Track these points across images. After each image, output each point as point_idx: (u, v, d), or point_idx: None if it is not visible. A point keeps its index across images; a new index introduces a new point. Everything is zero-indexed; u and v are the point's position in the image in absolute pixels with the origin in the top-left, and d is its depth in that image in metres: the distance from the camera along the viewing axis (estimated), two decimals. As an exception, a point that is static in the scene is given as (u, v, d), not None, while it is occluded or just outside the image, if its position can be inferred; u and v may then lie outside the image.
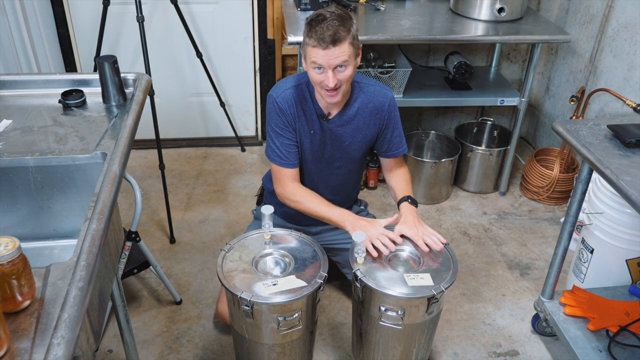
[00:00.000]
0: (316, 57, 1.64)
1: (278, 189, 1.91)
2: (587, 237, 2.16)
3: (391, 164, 2.00)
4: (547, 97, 3.23)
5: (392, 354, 1.77)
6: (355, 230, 1.72)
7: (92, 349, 1.12)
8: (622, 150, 1.63)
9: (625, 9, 2.51)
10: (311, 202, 1.85)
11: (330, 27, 1.61)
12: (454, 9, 2.77)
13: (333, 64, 1.65)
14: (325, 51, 1.63)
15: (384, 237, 1.70)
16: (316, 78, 1.69)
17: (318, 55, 1.64)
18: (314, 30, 1.63)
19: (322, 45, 1.62)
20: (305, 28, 1.67)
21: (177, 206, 2.82)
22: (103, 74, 1.57)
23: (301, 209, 1.87)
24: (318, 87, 1.73)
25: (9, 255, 0.91)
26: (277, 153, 1.85)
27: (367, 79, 1.89)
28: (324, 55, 1.64)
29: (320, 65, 1.66)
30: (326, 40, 1.61)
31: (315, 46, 1.63)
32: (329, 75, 1.66)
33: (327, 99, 1.74)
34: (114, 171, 1.29)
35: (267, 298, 1.53)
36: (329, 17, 1.63)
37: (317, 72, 1.68)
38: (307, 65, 1.71)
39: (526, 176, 2.99)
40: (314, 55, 1.65)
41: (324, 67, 1.66)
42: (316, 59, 1.65)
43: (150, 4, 2.89)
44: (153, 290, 2.32)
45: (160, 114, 2.64)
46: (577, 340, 1.90)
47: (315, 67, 1.67)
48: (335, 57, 1.64)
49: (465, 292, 2.38)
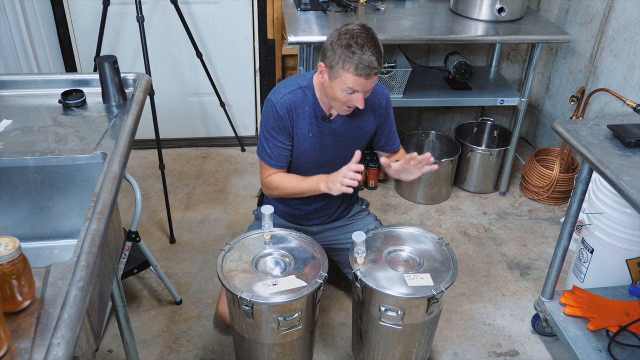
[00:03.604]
0: (356, 84, 1.64)
1: (261, 183, 1.97)
2: (587, 237, 2.16)
3: (387, 154, 2.07)
4: (547, 97, 3.23)
5: (392, 354, 1.77)
6: (328, 184, 1.74)
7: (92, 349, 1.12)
8: (622, 150, 1.63)
9: (625, 9, 2.51)
10: (288, 183, 1.89)
11: (372, 56, 1.60)
12: (454, 9, 2.77)
13: (369, 89, 1.67)
14: (367, 80, 1.63)
15: (346, 171, 1.68)
16: (344, 98, 1.69)
17: (358, 83, 1.63)
18: (354, 58, 1.60)
19: (364, 74, 1.61)
20: (339, 49, 1.62)
21: (177, 206, 2.82)
22: (103, 74, 1.56)
23: (283, 194, 1.92)
24: (339, 103, 1.72)
25: (9, 255, 0.91)
26: (267, 153, 1.88)
27: None
28: (365, 84, 1.64)
29: (355, 91, 1.66)
30: (370, 73, 1.61)
31: (358, 75, 1.61)
32: (360, 98, 1.67)
33: (343, 113, 1.76)
34: (114, 171, 1.29)
35: (267, 298, 1.53)
36: (366, 42, 1.60)
37: (348, 93, 1.67)
38: (336, 85, 1.67)
39: (526, 176, 2.99)
40: (352, 82, 1.63)
41: (359, 92, 1.66)
42: (355, 86, 1.64)
43: (150, 4, 2.89)
44: (153, 290, 2.32)
45: (160, 114, 2.63)
46: (577, 340, 1.90)
47: (349, 92, 1.66)
48: (372, 83, 1.66)
49: (465, 292, 2.38)
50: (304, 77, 1.85)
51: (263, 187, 1.98)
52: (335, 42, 1.63)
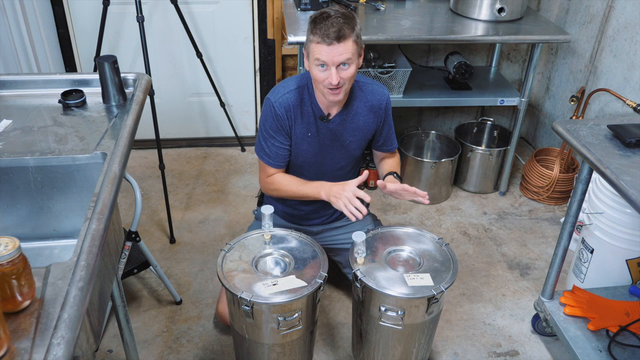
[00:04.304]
0: (320, 53, 1.65)
1: (260, 182, 1.98)
2: (587, 237, 2.16)
3: (384, 154, 2.07)
4: (547, 97, 3.23)
5: (392, 354, 1.77)
6: (330, 196, 1.77)
7: (92, 349, 1.12)
8: (622, 150, 1.63)
9: (625, 9, 2.51)
10: (288, 185, 1.90)
11: (335, 24, 1.62)
12: (454, 9, 2.77)
13: (337, 61, 1.65)
14: (329, 47, 1.63)
15: (352, 196, 1.72)
16: (319, 76, 1.69)
17: (322, 51, 1.64)
18: (318, 27, 1.63)
19: (326, 41, 1.63)
20: (309, 26, 1.68)
21: (177, 206, 2.82)
22: (103, 74, 1.56)
23: (282, 195, 1.94)
24: (320, 86, 1.73)
25: (9, 255, 0.91)
26: (265, 152, 1.89)
27: (364, 78, 1.92)
28: (328, 51, 1.64)
29: (323, 62, 1.66)
30: (330, 37, 1.62)
31: (320, 42, 1.64)
32: (332, 73, 1.67)
33: (330, 97, 1.74)
34: (114, 171, 1.29)
35: (267, 298, 1.53)
36: (334, 15, 1.63)
37: (320, 69, 1.68)
38: (310, 62, 1.71)
39: (526, 176, 2.99)
40: (317, 52, 1.65)
41: (328, 64, 1.66)
42: (320, 55, 1.65)
43: (150, 4, 2.89)
44: (153, 290, 2.32)
45: (160, 114, 2.63)
46: (577, 340, 1.90)
47: (318, 64, 1.67)
48: (339, 53, 1.64)
49: (465, 292, 2.38)
50: (303, 77, 1.85)
51: (262, 186, 1.99)
52: (309, 22, 1.68)
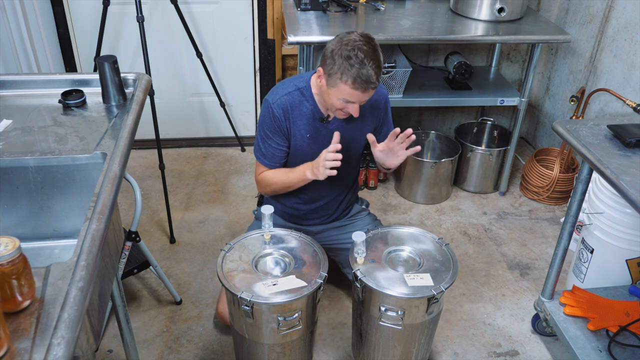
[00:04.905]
0: (351, 96, 1.65)
1: (255, 181, 2.00)
2: (587, 237, 2.16)
3: None
4: (547, 97, 3.23)
5: (392, 354, 1.77)
6: (313, 172, 1.76)
7: (92, 349, 1.12)
8: (622, 150, 1.63)
9: (625, 9, 2.51)
10: (277, 178, 1.91)
11: (372, 75, 1.60)
12: (454, 9, 2.77)
13: (364, 101, 1.68)
14: (363, 94, 1.64)
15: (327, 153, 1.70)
16: (339, 105, 1.70)
17: (354, 95, 1.64)
18: (352, 70, 1.59)
19: (361, 88, 1.62)
20: (338, 60, 1.61)
21: (177, 206, 2.82)
22: (103, 74, 1.56)
23: (275, 189, 1.95)
24: (333, 107, 1.74)
25: (9, 255, 0.91)
26: (262, 152, 1.90)
27: None
28: (360, 96, 1.65)
29: (351, 101, 1.67)
30: (367, 88, 1.62)
31: (354, 89, 1.62)
32: (355, 108, 1.68)
33: (339, 116, 1.78)
34: (114, 171, 1.29)
35: (267, 298, 1.53)
36: (366, 57, 1.59)
37: (343, 102, 1.68)
38: (333, 94, 1.68)
39: (526, 176, 2.99)
40: (348, 95, 1.64)
41: (355, 102, 1.67)
42: (351, 97, 1.65)
43: (150, 4, 2.89)
44: (153, 290, 2.32)
45: (160, 114, 2.63)
46: (577, 340, 1.90)
47: (345, 101, 1.67)
48: (369, 96, 1.67)
49: (465, 292, 2.38)
50: (302, 78, 1.85)
51: (257, 185, 2.00)
52: (335, 52, 1.62)
